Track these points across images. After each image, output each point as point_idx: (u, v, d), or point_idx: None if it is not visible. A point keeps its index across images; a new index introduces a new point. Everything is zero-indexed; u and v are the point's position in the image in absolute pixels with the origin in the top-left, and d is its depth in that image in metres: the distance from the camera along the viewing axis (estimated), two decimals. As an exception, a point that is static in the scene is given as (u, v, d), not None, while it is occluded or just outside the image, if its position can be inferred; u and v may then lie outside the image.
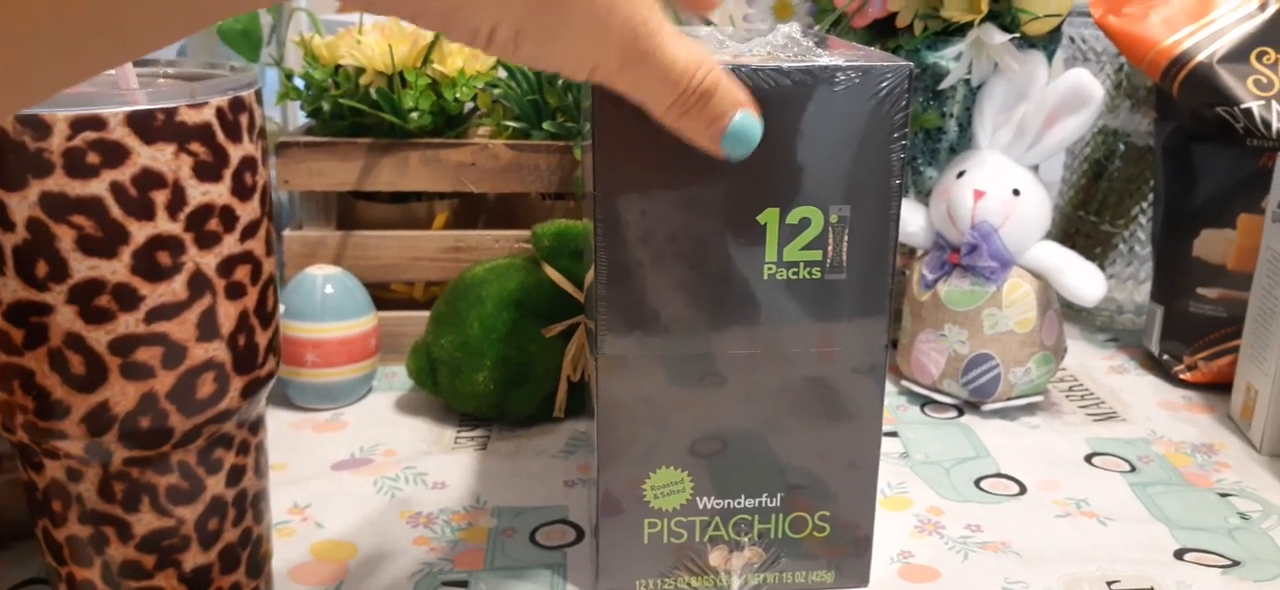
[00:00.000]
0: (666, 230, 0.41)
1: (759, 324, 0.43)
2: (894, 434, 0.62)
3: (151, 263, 0.35)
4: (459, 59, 0.66)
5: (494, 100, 0.68)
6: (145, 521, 0.39)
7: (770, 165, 0.40)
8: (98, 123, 0.33)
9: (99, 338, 0.35)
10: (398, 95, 0.64)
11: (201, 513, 0.40)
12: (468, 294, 0.60)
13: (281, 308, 0.52)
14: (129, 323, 0.36)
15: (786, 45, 0.43)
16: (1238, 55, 0.64)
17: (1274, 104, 0.62)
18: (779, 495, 0.45)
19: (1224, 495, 0.55)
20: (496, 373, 0.59)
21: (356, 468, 0.57)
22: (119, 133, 0.34)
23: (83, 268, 0.35)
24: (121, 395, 0.36)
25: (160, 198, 0.35)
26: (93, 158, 0.34)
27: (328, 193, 0.68)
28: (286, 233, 0.67)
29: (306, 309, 0.61)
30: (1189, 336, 0.68)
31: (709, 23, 0.80)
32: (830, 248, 0.42)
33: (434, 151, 0.66)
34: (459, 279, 0.62)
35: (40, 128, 0.33)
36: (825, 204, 0.41)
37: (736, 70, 0.39)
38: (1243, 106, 0.63)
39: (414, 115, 0.65)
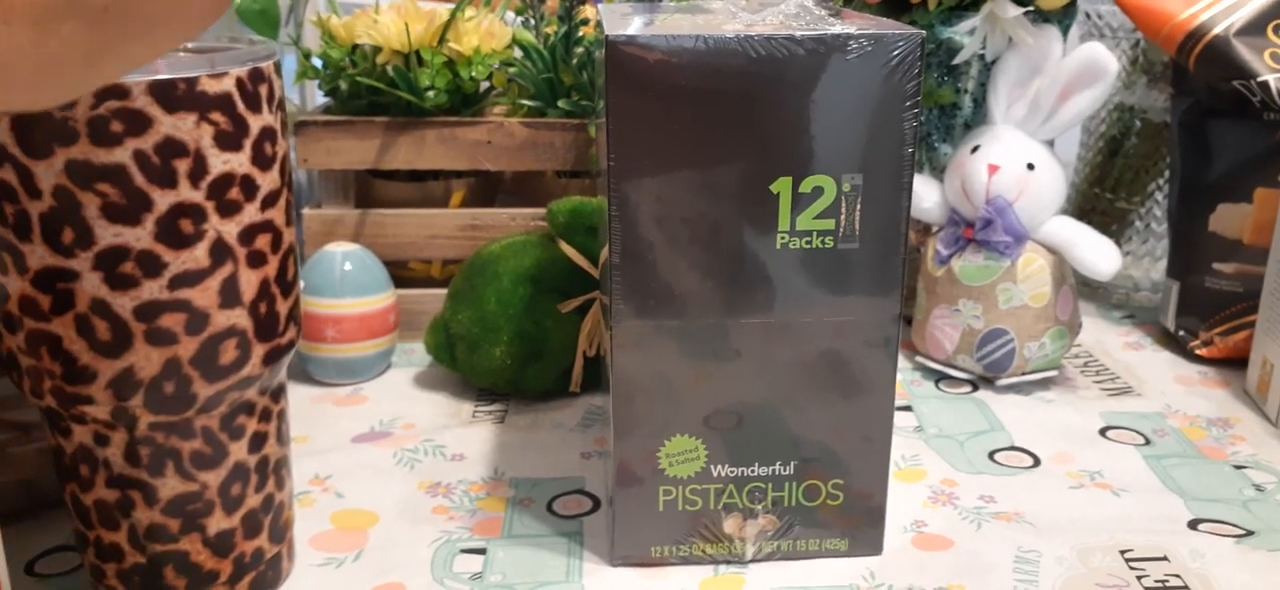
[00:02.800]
0: (680, 205, 0.41)
1: (773, 296, 0.43)
2: (908, 408, 0.62)
3: (174, 230, 0.36)
4: (475, 38, 0.66)
5: (509, 79, 0.69)
6: (170, 486, 0.40)
7: (783, 134, 0.41)
8: (121, 91, 0.34)
9: (124, 304, 0.36)
10: (414, 74, 0.65)
11: (225, 478, 0.41)
12: (485, 270, 0.61)
13: (301, 284, 0.53)
14: (153, 289, 0.36)
15: (799, 14, 0.43)
16: (1254, 28, 0.63)
17: (1291, 77, 0.62)
18: (793, 464, 0.46)
19: (1239, 467, 0.55)
20: (513, 348, 0.60)
21: (376, 441, 0.57)
22: (142, 102, 0.34)
23: (108, 234, 0.35)
24: (146, 361, 0.37)
25: (182, 166, 0.36)
26: (116, 126, 0.34)
27: (346, 171, 0.68)
28: (306, 211, 0.68)
29: (326, 285, 0.62)
30: (1205, 312, 0.68)
31: None
32: (843, 217, 0.42)
33: (450, 130, 0.67)
34: (476, 256, 0.62)
35: (66, 97, 0.34)
36: (838, 173, 0.41)
37: (749, 39, 0.39)
38: (1259, 79, 0.62)
39: (430, 94, 0.65)
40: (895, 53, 0.40)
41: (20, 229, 0.35)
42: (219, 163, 0.37)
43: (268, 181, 0.39)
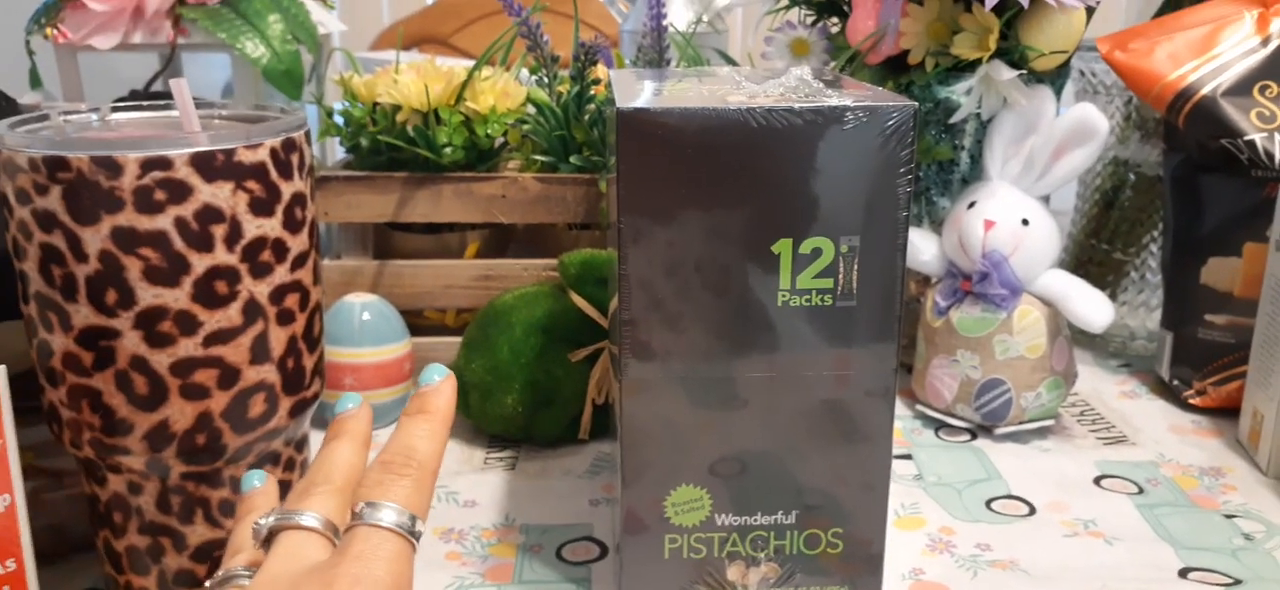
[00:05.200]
0: (686, 259, 0.44)
1: (775, 349, 0.45)
2: (908, 456, 0.64)
3: (210, 291, 0.38)
4: (491, 97, 0.69)
5: (523, 136, 0.71)
6: (199, 532, 0.42)
7: (784, 198, 0.43)
8: (165, 163, 0.37)
9: (161, 360, 0.38)
10: (432, 131, 0.67)
11: (251, 525, 0.43)
12: (498, 320, 0.63)
13: (324, 337, 0.55)
14: (189, 347, 0.39)
15: (798, 86, 0.45)
16: (1241, 89, 0.66)
17: (1276, 136, 0.64)
18: (794, 512, 0.47)
19: (1229, 516, 0.57)
20: (525, 396, 0.62)
21: (391, 486, 0.59)
22: (183, 172, 0.37)
23: (148, 296, 0.38)
24: (180, 414, 0.39)
25: (219, 231, 0.38)
26: (160, 195, 0.37)
27: (365, 224, 0.71)
28: (326, 262, 0.70)
29: (345, 335, 0.64)
30: (1198, 362, 0.70)
31: (732, 62, 0.83)
32: (841, 276, 0.44)
33: (466, 185, 0.69)
34: (489, 306, 0.64)
35: (113, 168, 0.36)
36: (836, 235, 0.43)
37: (752, 111, 0.41)
38: (1246, 138, 0.65)
39: (447, 150, 0.68)
40: (889, 123, 0.42)
41: (67, 290, 0.38)
42: (253, 227, 0.39)
43: (297, 244, 0.41)
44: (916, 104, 0.42)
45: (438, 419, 0.37)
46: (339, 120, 0.71)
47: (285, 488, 0.44)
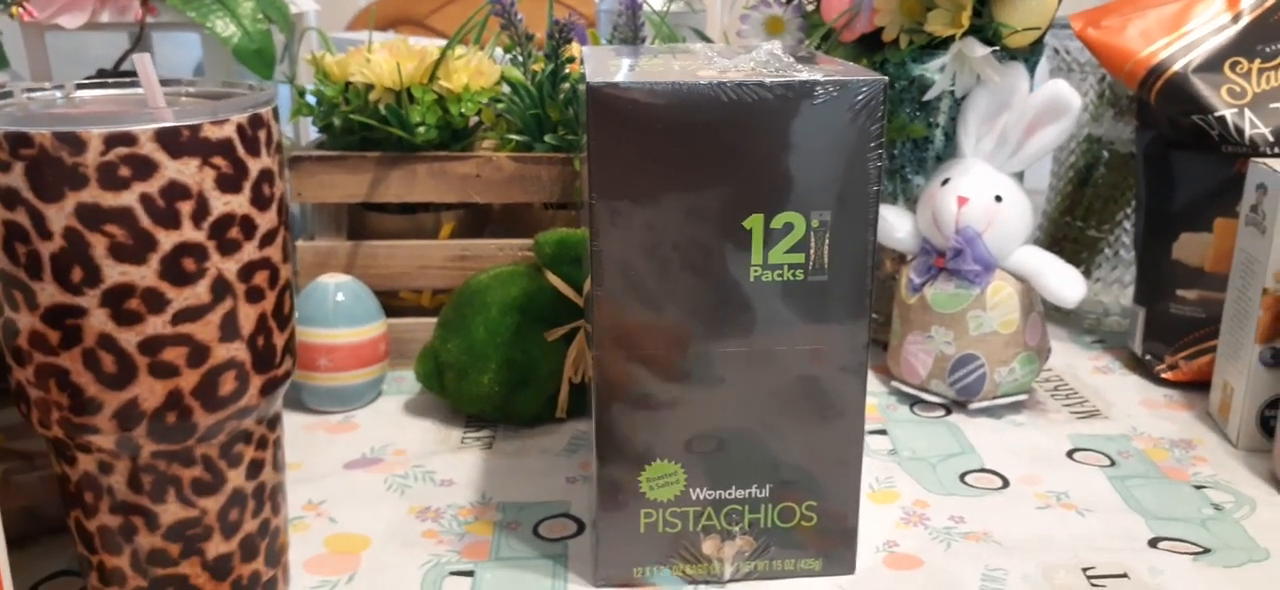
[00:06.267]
0: (659, 236, 0.44)
1: (748, 325, 0.45)
2: (884, 431, 0.64)
3: (178, 268, 0.38)
4: (464, 75, 0.69)
5: (498, 114, 0.71)
6: (171, 511, 0.42)
7: (755, 174, 0.43)
8: (129, 138, 0.36)
9: (129, 339, 0.38)
10: (406, 110, 0.67)
11: (223, 504, 0.43)
12: (473, 300, 0.63)
13: (295, 314, 0.55)
14: (157, 324, 0.38)
15: (769, 61, 0.45)
16: (1212, 65, 0.66)
17: (1247, 112, 0.65)
18: (769, 486, 0.48)
19: (1199, 487, 0.58)
20: (501, 375, 0.62)
21: (368, 467, 0.59)
22: (148, 148, 0.37)
23: (114, 273, 0.37)
24: (150, 392, 0.39)
25: (185, 208, 0.38)
26: (124, 171, 0.36)
27: (339, 204, 0.70)
28: (299, 243, 0.70)
29: (319, 316, 0.64)
30: (1170, 337, 0.71)
31: (705, 38, 0.82)
32: (812, 251, 0.44)
33: (440, 164, 0.69)
34: (465, 286, 0.64)
35: (76, 143, 0.36)
36: (807, 210, 0.44)
37: (722, 85, 0.41)
38: (1217, 114, 0.65)
39: (421, 129, 0.67)
40: (860, 97, 0.42)
41: (31, 268, 0.37)
42: (220, 204, 0.39)
43: (266, 221, 0.41)
44: (886, 79, 0.42)
45: None
46: (311, 100, 0.70)
47: (257, 467, 0.44)
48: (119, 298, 0.38)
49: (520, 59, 0.72)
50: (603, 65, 0.47)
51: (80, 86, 0.44)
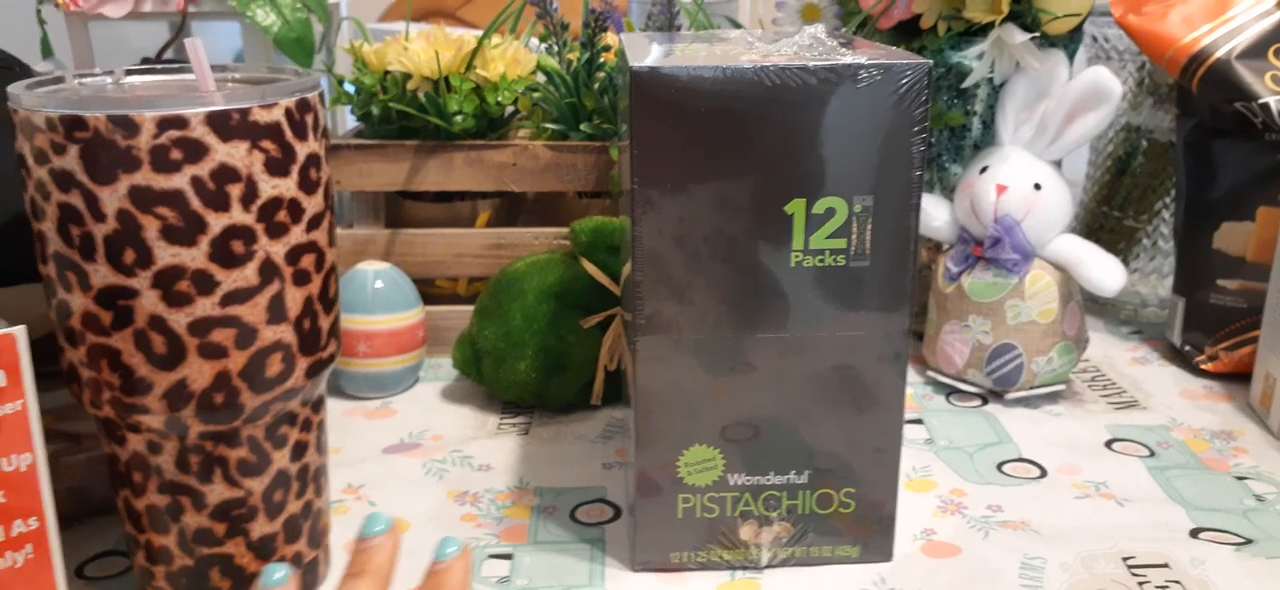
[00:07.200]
0: (699, 224, 0.44)
1: (787, 312, 0.45)
2: (920, 421, 0.64)
3: (227, 251, 0.39)
4: (501, 64, 0.69)
5: (534, 103, 0.71)
6: (217, 492, 0.42)
7: (797, 158, 0.43)
8: (180, 122, 0.37)
9: (179, 320, 0.39)
10: (443, 99, 0.68)
11: (268, 484, 0.43)
12: (510, 287, 0.63)
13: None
14: (206, 306, 0.39)
15: (812, 45, 0.45)
16: (1255, 51, 0.65)
17: (1291, 99, 0.64)
18: (806, 473, 0.48)
19: (1240, 478, 0.57)
20: (537, 362, 0.62)
21: (406, 451, 0.60)
22: (199, 131, 0.37)
23: (166, 255, 0.38)
24: (198, 373, 0.40)
25: (235, 191, 0.38)
26: (176, 154, 0.37)
27: (377, 193, 0.71)
28: (339, 230, 0.71)
29: (358, 302, 0.64)
30: (1210, 327, 0.70)
31: (739, 25, 0.82)
32: (854, 236, 0.44)
33: (477, 153, 0.69)
34: (501, 273, 0.65)
35: (129, 126, 0.36)
36: (849, 194, 0.43)
37: (765, 69, 0.41)
38: (1260, 101, 0.64)
39: (458, 118, 0.68)
40: (903, 81, 0.42)
41: (85, 250, 0.38)
42: (268, 187, 0.39)
43: (313, 204, 0.41)
44: (930, 63, 0.42)
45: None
46: (349, 89, 0.71)
47: (302, 448, 0.44)
48: (170, 279, 0.38)
49: (556, 48, 0.72)
50: (642, 52, 0.47)
51: (129, 73, 0.45)
